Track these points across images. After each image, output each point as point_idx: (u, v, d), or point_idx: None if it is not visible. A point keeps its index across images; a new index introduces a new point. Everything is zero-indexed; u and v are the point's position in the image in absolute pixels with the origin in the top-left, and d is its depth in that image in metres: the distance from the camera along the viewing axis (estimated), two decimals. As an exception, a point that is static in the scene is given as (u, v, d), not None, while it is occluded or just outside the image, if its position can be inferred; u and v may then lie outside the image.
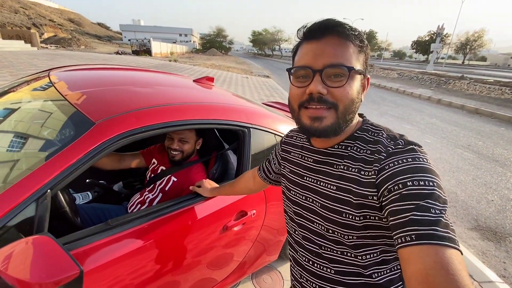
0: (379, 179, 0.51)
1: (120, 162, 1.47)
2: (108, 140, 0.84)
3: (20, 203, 0.68)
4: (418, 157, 0.49)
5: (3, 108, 1.18)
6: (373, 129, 0.59)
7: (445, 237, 0.41)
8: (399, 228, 0.45)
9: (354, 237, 0.56)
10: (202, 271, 1.20)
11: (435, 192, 0.45)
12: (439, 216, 0.43)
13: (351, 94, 0.53)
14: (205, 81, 1.73)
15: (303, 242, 0.66)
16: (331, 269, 0.61)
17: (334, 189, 0.57)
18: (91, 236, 0.83)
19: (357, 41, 0.53)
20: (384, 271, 0.59)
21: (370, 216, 0.53)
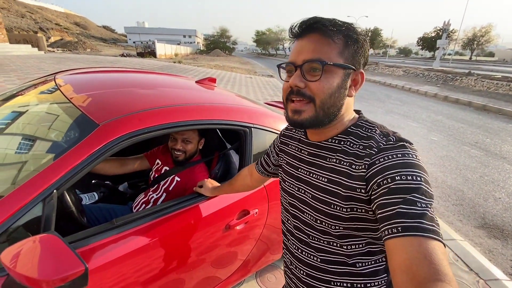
0: (369, 173, 0.52)
1: (123, 167, 1.49)
2: (112, 141, 0.86)
3: (27, 203, 0.71)
4: (407, 153, 0.51)
5: (11, 111, 1.21)
6: (367, 125, 0.60)
7: (429, 229, 0.43)
8: (386, 220, 0.47)
9: (341, 228, 0.58)
10: (206, 269, 1.21)
11: (422, 187, 0.47)
12: (424, 209, 0.45)
13: (328, 88, 0.55)
14: (207, 82, 1.74)
15: (294, 231, 0.69)
16: (317, 258, 0.64)
17: (325, 181, 0.59)
18: (96, 235, 0.85)
19: (340, 35, 0.54)
20: (368, 262, 0.61)
21: (357, 209, 0.55)
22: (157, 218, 0.98)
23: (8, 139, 1.06)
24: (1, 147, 1.01)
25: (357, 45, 0.56)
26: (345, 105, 0.59)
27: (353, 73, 0.58)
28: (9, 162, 0.94)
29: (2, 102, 1.30)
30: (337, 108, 0.57)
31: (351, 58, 0.56)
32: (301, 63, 0.55)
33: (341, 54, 0.55)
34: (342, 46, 0.55)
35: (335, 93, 0.55)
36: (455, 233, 2.54)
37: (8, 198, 0.71)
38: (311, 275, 0.66)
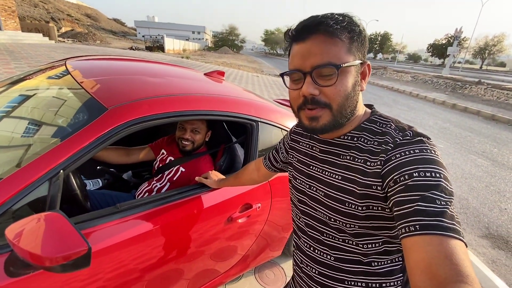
0: (385, 169, 0.51)
1: (128, 156, 1.50)
2: (120, 125, 0.86)
3: (33, 181, 0.71)
4: (426, 148, 0.49)
5: (20, 94, 1.22)
6: (381, 120, 0.58)
7: (450, 228, 0.41)
8: (403, 218, 0.45)
9: (356, 226, 0.56)
10: (205, 261, 1.21)
11: (441, 184, 0.45)
12: (444, 207, 0.43)
13: (344, 91, 0.52)
14: (215, 74, 1.74)
15: (305, 229, 0.68)
16: (331, 256, 0.62)
17: (339, 179, 0.58)
18: (99, 218, 0.85)
19: (345, 32, 0.51)
20: (384, 261, 0.59)
21: (373, 207, 0.53)
22: (160, 206, 0.98)
23: (17, 121, 1.07)
24: (10, 130, 1.02)
25: (361, 37, 0.54)
26: (359, 102, 0.58)
27: (362, 66, 0.56)
28: (17, 144, 0.95)
29: (11, 85, 1.31)
30: (352, 107, 0.56)
31: (358, 52, 0.54)
32: (309, 69, 0.52)
33: (349, 52, 0.52)
34: (349, 43, 0.52)
35: (351, 94, 0.53)
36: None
37: (15, 176, 0.71)
38: (324, 273, 0.64)
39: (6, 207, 0.68)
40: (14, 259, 0.67)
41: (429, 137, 0.52)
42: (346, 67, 0.51)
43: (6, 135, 0.99)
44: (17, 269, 0.68)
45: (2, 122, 1.05)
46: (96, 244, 0.82)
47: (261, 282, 1.71)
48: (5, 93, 1.24)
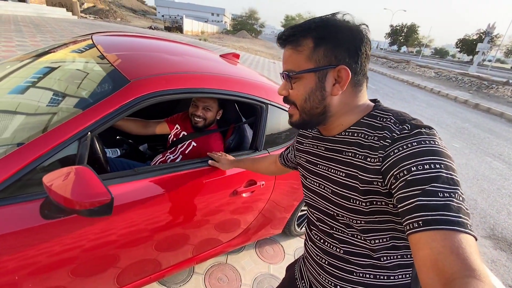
0: (384, 166, 0.51)
1: (146, 128, 1.61)
2: (140, 97, 0.94)
3: (66, 140, 0.81)
4: (423, 140, 0.48)
5: (47, 66, 1.33)
6: (381, 114, 0.57)
7: (453, 221, 0.40)
8: (406, 215, 0.45)
9: (363, 222, 0.58)
10: (210, 229, 1.32)
11: (442, 175, 0.44)
12: (447, 199, 0.42)
13: (301, 94, 0.58)
14: (231, 57, 1.80)
15: (317, 223, 0.71)
16: (340, 249, 0.64)
17: (344, 176, 0.59)
18: (119, 178, 0.96)
19: (309, 40, 0.55)
20: (393, 256, 0.60)
21: (377, 202, 0.54)
22: (173, 173, 1.08)
23: (49, 91, 1.17)
24: (42, 98, 1.12)
25: (329, 42, 0.54)
26: (338, 103, 0.58)
27: (332, 70, 0.55)
28: (49, 111, 1.05)
29: (40, 56, 1.42)
30: (319, 110, 0.58)
31: (324, 58, 0.55)
32: (282, 73, 0.61)
33: (309, 59, 0.56)
34: (310, 51, 0.55)
35: (310, 97, 0.58)
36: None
37: (50, 134, 0.81)
38: (333, 264, 0.66)
39: (43, 159, 0.78)
40: (49, 204, 0.78)
41: (431, 127, 0.51)
42: (297, 74, 0.57)
43: (36, 104, 1.10)
44: (50, 212, 0.79)
45: (34, 92, 1.15)
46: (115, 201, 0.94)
47: (261, 256, 1.83)
48: (34, 63, 1.35)
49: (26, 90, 1.15)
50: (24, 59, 1.41)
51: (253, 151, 1.38)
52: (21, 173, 0.76)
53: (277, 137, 1.44)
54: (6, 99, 1.11)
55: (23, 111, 1.05)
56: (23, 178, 0.77)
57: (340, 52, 0.55)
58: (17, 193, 0.78)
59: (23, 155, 0.76)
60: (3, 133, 0.93)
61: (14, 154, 0.76)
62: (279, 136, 1.45)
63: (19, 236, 0.77)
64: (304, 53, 0.56)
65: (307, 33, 0.55)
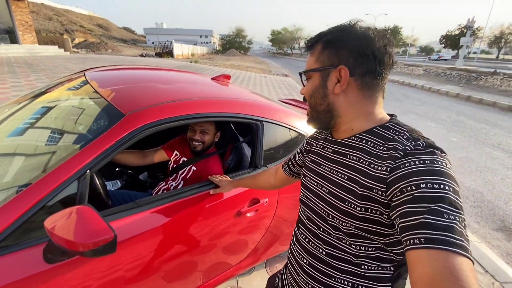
0: (392, 176, 0.50)
1: (144, 158, 1.62)
2: (136, 129, 0.95)
3: (65, 180, 0.81)
4: (437, 160, 0.48)
5: (42, 106, 1.35)
6: (395, 127, 0.58)
7: (457, 244, 0.40)
8: (408, 230, 0.44)
9: (352, 226, 0.58)
10: (217, 253, 1.30)
11: (449, 197, 0.44)
12: (452, 222, 0.42)
13: (308, 91, 0.67)
14: (222, 78, 1.83)
15: (306, 222, 0.72)
16: (323, 250, 0.65)
17: (344, 178, 0.60)
18: (121, 213, 0.95)
19: (319, 45, 0.63)
20: (375, 267, 0.60)
21: (372, 210, 0.54)
22: (174, 201, 1.07)
23: (46, 130, 1.19)
24: (34, 140, 1.13)
25: (334, 46, 0.60)
26: (343, 104, 0.62)
27: (334, 70, 0.60)
28: (47, 150, 1.06)
29: (36, 97, 1.44)
30: (324, 106, 0.64)
31: (328, 59, 0.61)
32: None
33: (317, 61, 0.63)
34: (318, 53, 0.63)
35: (314, 94, 0.65)
36: (471, 235, 2.49)
37: (49, 176, 0.81)
38: (314, 265, 0.67)
39: (43, 203, 0.78)
40: (52, 247, 0.77)
41: (443, 150, 0.52)
42: (305, 73, 0.67)
43: (32, 144, 1.11)
44: (54, 256, 0.78)
45: (29, 133, 1.17)
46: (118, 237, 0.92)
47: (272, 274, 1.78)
48: (29, 105, 1.37)
49: (25, 132, 1.17)
50: (21, 101, 1.43)
51: (253, 169, 1.38)
52: (22, 219, 0.75)
53: (275, 152, 1.45)
54: (6, 143, 1.12)
55: (23, 153, 1.06)
56: (24, 224, 0.76)
57: (343, 54, 0.59)
58: (19, 240, 0.77)
59: (22, 201, 0.76)
60: (4, 177, 0.93)
61: (14, 201, 0.76)
62: (277, 151, 1.45)
63: (23, 284, 0.75)
64: (314, 55, 0.64)
65: (320, 38, 0.63)
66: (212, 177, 1.23)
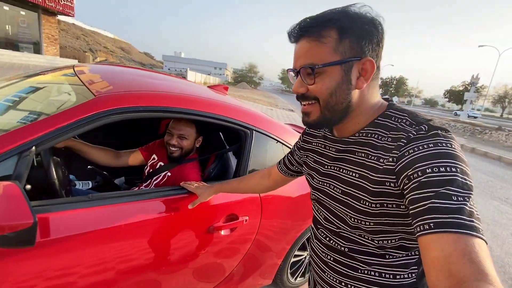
0: (398, 166, 0.49)
1: (117, 159, 1.44)
2: (102, 112, 0.85)
3: (2, 153, 0.69)
4: (440, 142, 0.47)
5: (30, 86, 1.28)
6: (397, 114, 0.56)
7: (466, 225, 0.39)
8: (418, 216, 0.44)
9: (371, 224, 0.56)
10: (182, 273, 1.10)
11: (457, 179, 0.43)
12: (461, 203, 0.41)
13: (326, 89, 0.54)
14: (220, 88, 1.77)
15: (323, 222, 0.69)
16: (345, 247, 0.63)
17: (356, 176, 0.57)
18: (69, 204, 0.81)
19: (332, 31, 0.52)
20: (400, 255, 0.59)
21: (388, 204, 0.52)
22: (134, 201, 0.92)
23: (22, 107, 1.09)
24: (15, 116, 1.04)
25: (353, 34, 0.52)
26: (358, 98, 0.56)
27: (358, 63, 0.54)
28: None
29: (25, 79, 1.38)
30: (344, 105, 0.55)
31: (350, 50, 0.53)
32: (298, 68, 0.56)
33: (335, 51, 0.53)
34: (335, 42, 0.52)
35: (336, 92, 0.54)
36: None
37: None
38: (338, 260, 0.65)
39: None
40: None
41: (448, 129, 0.50)
42: (323, 67, 0.53)
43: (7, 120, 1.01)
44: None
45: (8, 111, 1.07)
46: (61, 230, 0.77)
47: None
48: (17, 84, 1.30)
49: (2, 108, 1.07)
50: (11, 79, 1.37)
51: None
52: None
53: (263, 164, 1.31)
54: None
55: None
56: None
57: (365, 44, 0.53)
58: None
59: None
60: None
61: None
62: (265, 163, 1.32)
63: None
64: (329, 45, 0.53)
65: (330, 23, 0.52)
66: (185, 184, 1.08)
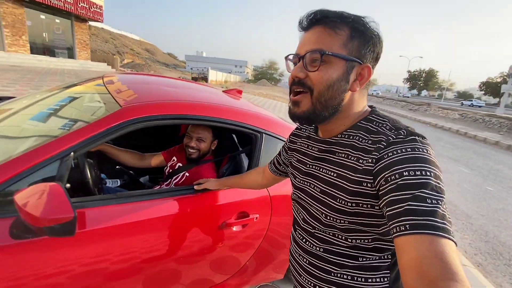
0: (377, 167, 0.51)
1: (142, 160, 1.62)
2: (128, 121, 0.98)
3: (47, 158, 0.83)
4: (418, 147, 0.49)
5: (66, 97, 1.45)
6: (378, 119, 0.58)
7: (439, 227, 0.41)
8: (394, 218, 0.45)
9: (346, 222, 0.57)
10: (197, 266, 1.21)
11: (431, 182, 0.45)
12: (435, 206, 0.43)
13: (327, 79, 0.54)
14: (234, 92, 1.86)
15: (301, 223, 0.71)
16: (320, 248, 0.65)
17: (334, 176, 0.59)
18: (99, 201, 0.94)
19: (346, 28, 0.54)
20: (372, 258, 0.60)
21: (362, 204, 0.54)
22: (155, 199, 1.04)
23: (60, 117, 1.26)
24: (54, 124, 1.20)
25: (363, 37, 0.55)
26: (349, 100, 0.58)
27: (358, 66, 0.56)
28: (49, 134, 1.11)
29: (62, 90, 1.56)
30: (336, 101, 0.56)
31: (356, 51, 0.55)
32: (303, 53, 0.56)
33: (344, 46, 0.54)
34: (347, 38, 0.54)
35: (333, 85, 0.55)
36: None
37: (32, 152, 0.84)
38: (313, 263, 0.67)
39: (21, 177, 0.80)
40: (18, 223, 0.77)
41: (424, 136, 0.52)
42: (330, 56, 0.54)
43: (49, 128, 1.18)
44: (19, 232, 0.77)
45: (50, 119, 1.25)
46: (93, 223, 0.91)
47: None
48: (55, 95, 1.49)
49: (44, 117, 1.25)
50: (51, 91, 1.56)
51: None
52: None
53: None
54: (27, 125, 1.21)
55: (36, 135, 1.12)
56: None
57: (369, 52, 0.56)
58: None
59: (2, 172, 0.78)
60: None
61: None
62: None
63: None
64: (341, 37, 0.54)
65: (345, 19, 0.55)
66: (197, 182, 1.19)
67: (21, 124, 1.24)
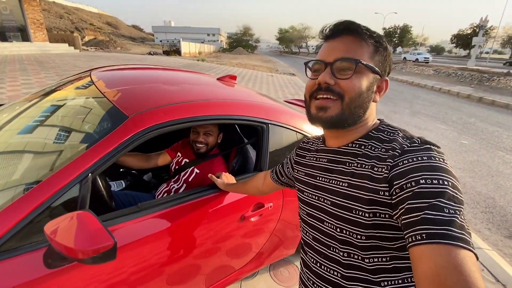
0: (391, 174, 0.50)
1: (148, 162, 1.60)
2: (139, 132, 0.94)
3: (67, 184, 0.80)
4: (433, 156, 0.49)
5: (51, 105, 1.35)
6: (389, 129, 0.59)
7: (458, 237, 0.40)
8: (411, 227, 0.44)
9: (363, 237, 0.55)
10: (221, 257, 1.28)
11: (449, 191, 0.44)
12: (453, 216, 0.42)
13: (358, 87, 0.55)
14: (228, 79, 1.81)
15: (312, 243, 0.67)
16: (337, 273, 0.60)
17: (346, 186, 0.58)
18: (122, 217, 0.94)
19: (372, 41, 0.57)
20: (395, 281, 0.56)
21: (380, 214, 0.52)
22: (177, 205, 1.05)
23: (48, 130, 1.18)
24: (42, 137, 1.13)
25: (386, 52, 0.59)
26: (369, 111, 0.60)
27: (379, 79, 0.59)
28: (49, 151, 1.05)
29: (43, 97, 1.44)
30: (362, 110, 0.58)
31: (380, 64, 0.58)
32: (332, 61, 0.56)
33: (372, 58, 0.57)
34: (373, 51, 0.57)
35: (363, 94, 0.56)
36: (482, 242, 2.41)
37: (50, 180, 0.80)
38: None
39: (44, 206, 0.77)
40: (51, 252, 0.76)
41: (438, 145, 0.52)
42: (364, 65, 0.56)
43: (40, 141, 1.11)
44: (54, 261, 0.77)
45: (37, 130, 1.17)
46: (119, 240, 0.91)
47: (275, 279, 1.76)
48: (38, 104, 1.37)
49: (34, 130, 1.17)
50: (31, 99, 1.44)
51: (258, 172, 1.35)
52: (22, 223, 0.74)
53: (281, 155, 1.42)
54: (16, 140, 1.14)
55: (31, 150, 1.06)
56: (24, 228, 0.75)
57: (387, 67, 0.61)
58: (20, 244, 0.76)
59: (23, 204, 0.75)
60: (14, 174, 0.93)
61: (14, 204, 0.75)
62: (283, 154, 1.42)
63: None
64: (369, 49, 0.57)
65: (372, 32, 0.57)
66: (212, 176, 1.20)
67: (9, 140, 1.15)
